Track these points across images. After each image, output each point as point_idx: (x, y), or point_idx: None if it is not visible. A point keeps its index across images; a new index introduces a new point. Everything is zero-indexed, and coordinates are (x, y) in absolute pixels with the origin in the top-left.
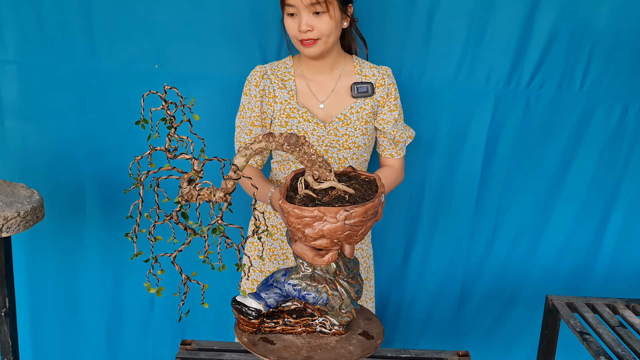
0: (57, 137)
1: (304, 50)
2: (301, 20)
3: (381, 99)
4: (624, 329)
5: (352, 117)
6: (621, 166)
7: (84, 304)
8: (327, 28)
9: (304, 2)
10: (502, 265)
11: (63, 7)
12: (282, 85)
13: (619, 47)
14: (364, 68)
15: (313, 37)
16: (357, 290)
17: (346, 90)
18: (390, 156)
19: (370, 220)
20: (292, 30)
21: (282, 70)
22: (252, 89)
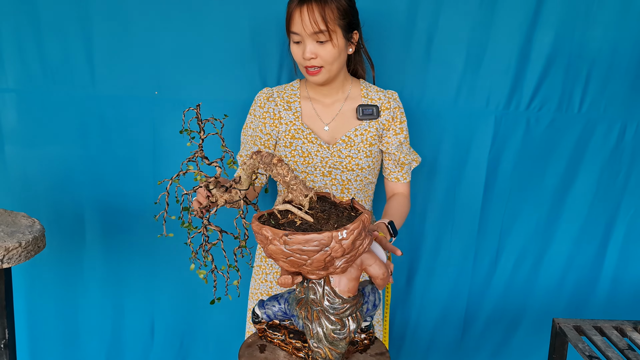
0: (57, 164)
1: (309, 77)
2: (305, 48)
3: (386, 122)
4: (633, 352)
5: (356, 140)
6: (620, 185)
7: (84, 333)
8: (331, 56)
9: (307, 31)
10: (506, 286)
11: (63, 34)
12: (287, 107)
13: (616, 68)
14: (370, 91)
15: (317, 64)
16: (337, 331)
17: (352, 113)
18: (397, 180)
19: (321, 254)
20: (297, 57)
21: (288, 93)
22: (256, 109)
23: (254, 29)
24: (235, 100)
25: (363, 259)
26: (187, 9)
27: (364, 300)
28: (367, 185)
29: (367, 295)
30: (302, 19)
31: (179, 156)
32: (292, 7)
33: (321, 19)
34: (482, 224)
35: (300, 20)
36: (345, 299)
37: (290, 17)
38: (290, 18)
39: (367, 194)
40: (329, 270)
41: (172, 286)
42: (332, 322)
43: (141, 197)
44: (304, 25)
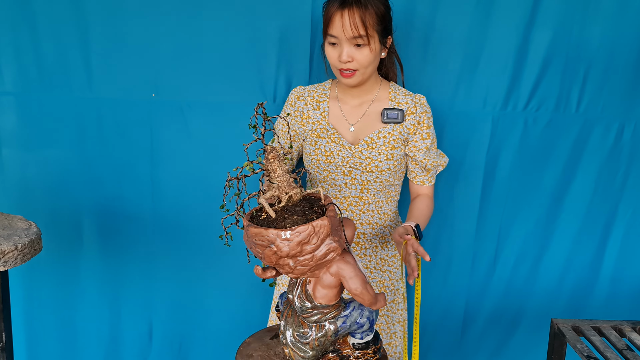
0: (55, 168)
1: (343, 79)
2: (342, 51)
3: (412, 126)
4: (632, 352)
5: (379, 142)
6: (619, 185)
7: (82, 337)
8: (367, 60)
9: (347, 35)
10: (505, 287)
11: (60, 37)
12: (316, 107)
13: (613, 68)
14: (398, 95)
15: (352, 67)
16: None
17: (377, 115)
18: (422, 183)
19: (269, 250)
20: (332, 59)
21: (319, 92)
22: (287, 107)
23: (251, 32)
24: (232, 103)
25: (340, 269)
26: (184, 11)
27: (343, 314)
28: (389, 187)
29: (350, 309)
30: (342, 23)
31: (177, 159)
32: (332, 10)
33: (361, 24)
34: (481, 225)
35: (341, 25)
36: (316, 304)
37: (329, 20)
38: (329, 21)
39: (389, 196)
40: (284, 268)
41: (170, 289)
42: (297, 323)
43: (139, 200)
44: (344, 30)
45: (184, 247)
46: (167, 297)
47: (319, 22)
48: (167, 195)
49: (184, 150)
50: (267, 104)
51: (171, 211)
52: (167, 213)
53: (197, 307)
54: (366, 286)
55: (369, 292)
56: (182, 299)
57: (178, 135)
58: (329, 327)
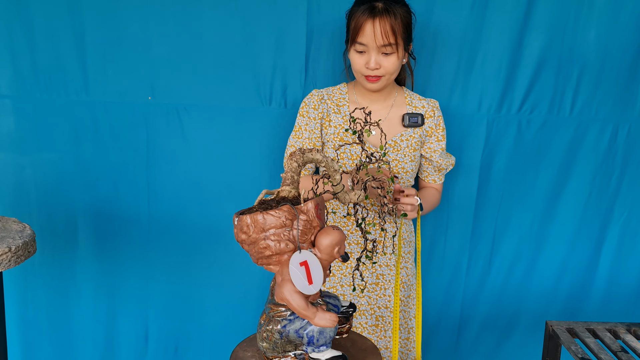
0: (50, 170)
1: (368, 85)
2: (370, 59)
3: (429, 129)
4: (626, 354)
5: (402, 145)
6: (614, 187)
7: (77, 339)
8: (393, 67)
9: (377, 43)
10: (500, 290)
11: (56, 41)
12: (337, 110)
13: (607, 70)
14: (414, 100)
15: (379, 74)
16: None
17: (397, 119)
18: (433, 181)
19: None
20: (358, 66)
21: (337, 96)
22: (310, 111)
23: (247, 36)
24: (228, 106)
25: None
26: (180, 14)
27: (287, 318)
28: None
29: (294, 317)
30: (373, 31)
31: (173, 162)
32: (363, 19)
33: (391, 33)
34: (476, 228)
35: (372, 33)
36: (272, 299)
37: (359, 28)
38: (359, 29)
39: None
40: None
41: (166, 291)
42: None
43: (135, 203)
44: (375, 38)
45: (179, 249)
46: (163, 299)
47: (315, 26)
48: (163, 198)
49: (179, 153)
50: (262, 107)
51: (167, 213)
52: (163, 215)
53: (193, 309)
54: (293, 296)
55: (297, 303)
56: (178, 301)
57: (174, 138)
58: (273, 325)
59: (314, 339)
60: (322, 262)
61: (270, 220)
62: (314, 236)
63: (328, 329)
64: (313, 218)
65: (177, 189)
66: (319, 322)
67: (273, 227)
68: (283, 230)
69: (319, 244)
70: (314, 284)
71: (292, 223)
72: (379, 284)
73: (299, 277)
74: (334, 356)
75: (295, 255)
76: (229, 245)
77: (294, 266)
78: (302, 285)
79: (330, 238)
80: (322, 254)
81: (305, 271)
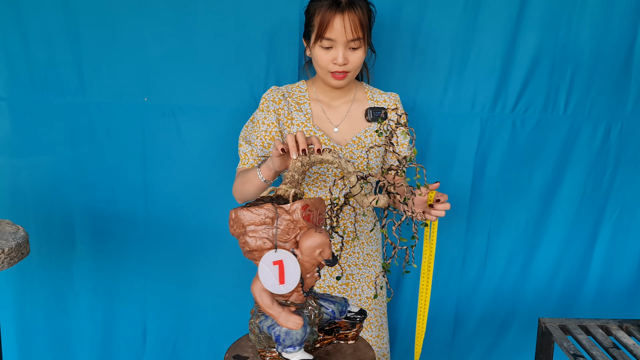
0: (46, 172)
1: (333, 81)
2: (338, 54)
3: (393, 123)
4: (618, 350)
5: (366, 141)
6: (607, 185)
7: (75, 340)
8: (359, 62)
9: (347, 37)
10: (495, 289)
11: (51, 42)
12: (298, 108)
13: (600, 69)
14: (374, 94)
15: (346, 70)
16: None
17: (360, 115)
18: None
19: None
20: (324, 62)
21: (297, 94)
22: (270, 105)
23: (241, 36)
24: (223, 107)
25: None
26: (175, 15)
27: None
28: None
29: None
30: (343, 26)
31: (169, 162)
32: (331, 14)
33: (360, 27)
34: (470, 227)
35: (342, 27)
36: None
37: (327, 23)
38: (327, 25)
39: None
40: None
41: (163, 290)
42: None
43: (132, 204)
44: (346, 32)
45: (176, 249)
46: (161, 298)
47: None
48: (160, 198)
49: (176, 153)
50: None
51: (164, 213)
52: (160, 215)
53: (190, 308)
54: (260, 293)
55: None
56: (176, 300)
57: (170, 139)
58: (255, 319)
59: (281, 339)
60: (304, 264)
61: (248, 216)
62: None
63: (294, 331)
64: (299, 219)
65: (174, 189)
66: (283, 323)
67: (252, 224)
68: (263, 228)
69: (300, 246)
70: (285, 284)
71: (272, 221)
72: (349, 284)
73: (268, 275)
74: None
75: (269, 254)
76: (225, 245)
77: (264, 264)
78: (270, 284)
79: (310, 240)
80: (304, 256)
81: (279, 270)
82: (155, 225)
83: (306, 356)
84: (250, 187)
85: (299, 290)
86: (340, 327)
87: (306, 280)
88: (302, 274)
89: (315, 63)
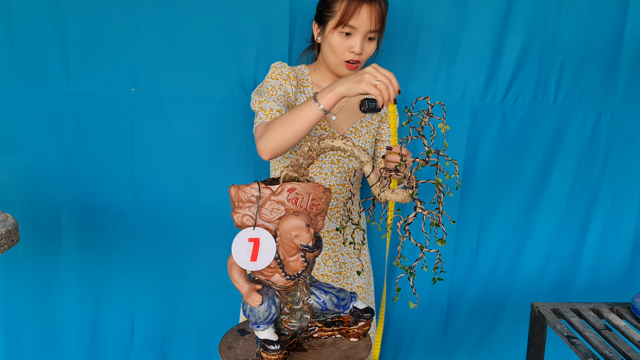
0: (32, 164)
1: (345, 72)
2: (357, 43)
3: (384, 115)
4: (610, 331)
5: (363, 130)
6: (598, 174)
7: (62, 334)
8: (371, 53)
9: (370, 27)
10: (487, 278)
11: (36, 32)
12: (302, 90)
13: (589, 58)
14: None
15: (359, 59)
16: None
17: (355, 106)
18: None
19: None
20: (341, 49)
21: (300, 76)
22: (284, 71)
23: (231, 26)
24: (213, 97)
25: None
26: (163, 4)
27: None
28: (362, 175)
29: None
30: (369, 15)
31: (157, 153)
32: (356, 2)
33: (380, 19)
34: (462, 217)
35: (368, 17)
36: None
37: (354, 11)
38: (353, 12)
39: (359, 182)
40: None
41: (151, 284)
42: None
43: (119, 196)
44: (370, 22)
45: (165, 241)
46: (149, 292)
47: (298, 15)
48: (148, 190)
49: (164, 144)
50: (247, 97)
51: (152, 206)
52: (148, 208)
53: (179, 302)
54: (232, 266)
55: (232, 274)
56: (164, 293)
57: (158, 130)
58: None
59: (246, 314)
60: (284, 247)
61: (237, 193)
62: None
63: (257, 309)
64: (284, 201)
65: (162, 180)
66: (246, 299)
67: (239, 201)
68: (249, 206)
69: (279, 227)
70: (257, 262)
71: (257, 200)
72: (342, 273)
73: (241, 251)
74: (266, 339)
75: (247, 230)
76: (215, 237)
77: (239, 240)
78: (241, 259)
79: (286, 222)
80: (282, 238)
81: (252, 248)
82: (143, 217)
83: (271, 337)
84: (301, 123)
85: (280, 272)
86: (343, 322)
87: (289, 263)
88: (283, 256)
89: (328, 49)
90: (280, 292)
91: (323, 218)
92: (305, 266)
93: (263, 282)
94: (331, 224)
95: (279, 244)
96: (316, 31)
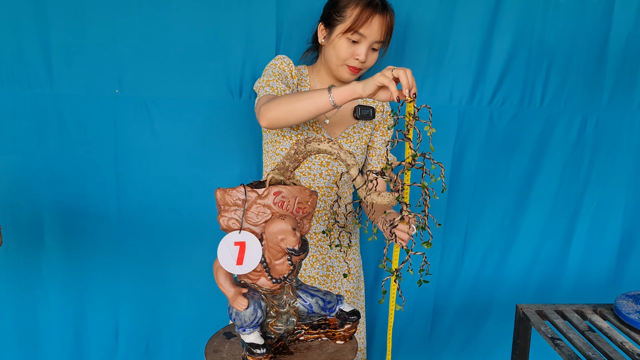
0: (14, 166)
1: (346, 75)
2: (362, 51)
3: (378, 123)
4: (593, 333)
5: (355, 136)
6: (583, 178)
7: (45, 339)
8: (374, 62)
9: (379, 37)
10: (473, 280)
11: (18, 33)
12: (299, 89)
13: (575, 62)
14: None
15: (361, 67)
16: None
17: (349, 111)
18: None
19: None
20: (346, 54)
21: (299, 76)
22: (286, 61)
23: (217, 27)
24: (198, 99)
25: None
26: (148, 5)
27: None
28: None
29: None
30: (380, 26)
31: (141, 156)
32: (369, 11)
33: (388, 31)
34: (448, 219)
35: (379, 27)
36: None
37: (365, 19)
38: (365, 20)
39: (350, 187)
40: None
41: (136, 288)
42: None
43: (103, 198)
44: (380, 33)
45: (150, 245)
46: (133, 296)
47: (285, 18)
48: (132, 193)
49: (148, 147)
50: (233, 99)
51: (136, 209)
52: (132, 211)
53: (164, 306)
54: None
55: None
56: (148, 297)
57: (142, 132)
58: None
59: (232, 318)
60: (270, 250)
61: (223, 197)
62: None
63: (243, 313)
64: (269, 204)
65: (147, 183)
66: (232, 303)
67: (225, 204)
68: (235, 209)
69: (265, 230)
70: (243, 265)
71: (243, 203)
72: (329, 275)
73: (226, 254)
74: (253, 343)
75: (233, 233)
76: (199, 240)
77: (225, 243)
78: (227, 263)
79: (272, 226)
80: (268, 242)
81: (238, 251)
82: (127, 221)
83: (257, 340)
84: (307, 105)
85: (266, 276)
86: (329, 324)
87: (275, 267)
88: (269, 260)
89: (332, 52)
90: (266, 295)
91: (309, 221)
92: (291, 269)
93: (249, 286)
94: (318, 225)
95: (265, 248)
96: (322, 33)
